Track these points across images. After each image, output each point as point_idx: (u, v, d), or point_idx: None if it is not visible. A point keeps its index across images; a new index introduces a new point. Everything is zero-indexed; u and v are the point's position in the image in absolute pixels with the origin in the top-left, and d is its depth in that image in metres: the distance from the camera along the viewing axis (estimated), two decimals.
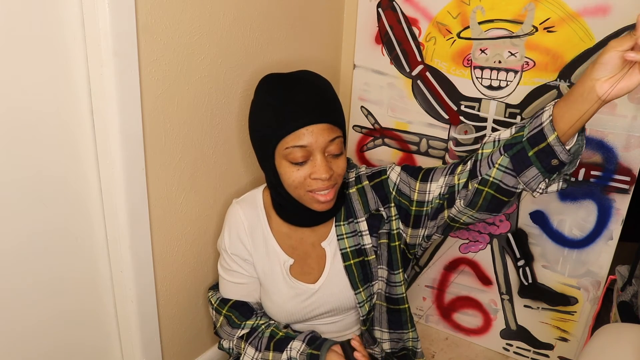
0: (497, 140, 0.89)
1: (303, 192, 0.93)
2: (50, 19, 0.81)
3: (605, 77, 0.75)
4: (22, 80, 0.80)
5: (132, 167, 0.93)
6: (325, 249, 1.04)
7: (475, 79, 1.26)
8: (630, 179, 1.14)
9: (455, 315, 1.49)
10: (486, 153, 0.89)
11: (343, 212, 1.03)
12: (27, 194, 0.85)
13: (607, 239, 1.20)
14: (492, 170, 0.87)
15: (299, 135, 0.88)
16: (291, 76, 0.95)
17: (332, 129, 0.90)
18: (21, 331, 0.92)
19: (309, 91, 0.91)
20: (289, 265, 1.03)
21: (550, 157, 0.80)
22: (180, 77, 0.98)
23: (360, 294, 1.02)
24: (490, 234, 1.36)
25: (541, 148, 0.81)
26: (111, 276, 1.03)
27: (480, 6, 1.20)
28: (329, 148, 0.91)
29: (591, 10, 1.09)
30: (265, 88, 0.95)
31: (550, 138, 0.79)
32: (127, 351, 1.09)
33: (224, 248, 1.05)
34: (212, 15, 1.01)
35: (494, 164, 0.86)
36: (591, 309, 1.27)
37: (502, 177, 0.86)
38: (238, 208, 1.05)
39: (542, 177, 0.84)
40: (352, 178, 1.05)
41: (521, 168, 0.84)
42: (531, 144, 0.82)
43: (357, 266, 1.02)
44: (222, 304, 1.05)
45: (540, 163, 0.82)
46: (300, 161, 0.89)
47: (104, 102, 0.87)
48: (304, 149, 0.88)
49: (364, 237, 1.02)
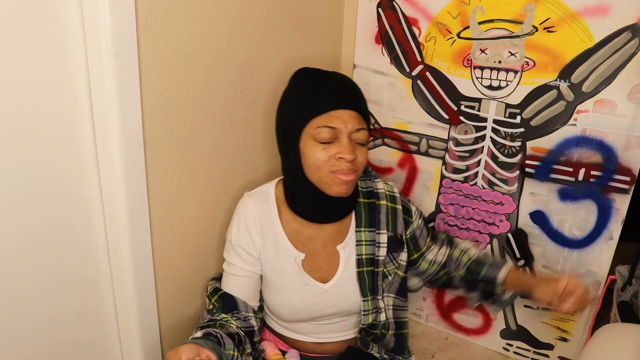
0: (463, 252, 1.16)
1: (325, 173, 0.95)
2: (50, 19, 0.81)
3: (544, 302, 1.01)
4: (22, 80, 0.80)
5: (132, 167, 0.93)
6: (340, 252, 1.05)
7: (475, 79, 1.26)
8: (630, 179, 1.14)
9: (455, 315, 1.49)
10: (455, 257, 1.16)
11: (365, 219, 1.06)
12: (27, 194, 0.86)
13: (607, 239, 1.20)
14: (452, 273, 1.15)
15: (330, 116, 0.94)
16: (326, 71, 1.03)
17: (360, 120, 0.97)
18: (21, 331, 0.92)
19: (342, 81, 1.00)
20: (301, 260, 1.03)
21: (491, 297, 1.11)
22: (180, 77, 0.98)
23: (368, 302, 1.04)
24: (490, 234, 1.36)
25: (487, 291, 1.11)
26: (111, 276, 1.03)
27: (480, 6, 1.20)
28: (355, 135, 0.96)
29: (591, 10, 1.09)
30: (300, 77, 1.02)
31: (496, 291, 1.10)
32: (127, 351, 1.09)
33: (229, 239, 1.05)
34: (212, 15, 1.01)
35: (454, 272, 1.15)
36: (591, 309, 1.27)
37: (454, 281, 1.16)
38: (250, 202, 1.05)
39: (479, 299, 1.14)
40: (382, 189, 1.11)
41: (469, 288, 1.15)
42: (482, 282, 1.11)
43: (369, 275, 1.05)
44: (214, 292, 1.06)
45: (482, 295, 1.13)
46: (327, 141, 0.94)
47: (104, 102, 0.87)
48: (333, 130, 0.94)
49: (380, 248, 1.06)
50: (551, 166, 1.22)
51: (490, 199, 1.33)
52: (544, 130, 1.21)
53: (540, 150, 1.23)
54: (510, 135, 1.25)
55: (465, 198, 1.37)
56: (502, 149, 1.27)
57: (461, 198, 1.37)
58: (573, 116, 1.17)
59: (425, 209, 1.44)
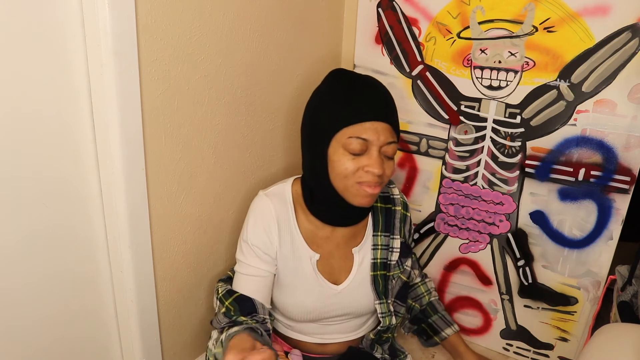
0: (427, 292, 1.28)
1: (351, 182, 0.94)
2: (50, 19, 0.81)
3: None
4: (22, 80, 0.80)
5: (132, 167, 0.93)
6: (355, 254, 1.06)
7: (475, 79, 1.26)
8: (630, 179, 1.14)
9: (455, 315, 1.49)
10: (419, 292, 1.28)
11: (382, 223, 1.08)
12: (27, 194, 0.86)
13: (607, 239, 1.20)
14: (411, 305, 1.27)
15: (363, 127, 0.92)
16: (359, 76, 1.00)
17: (392, 133, 0.95)
18: (21, 330, 0.92)
19: (379, 91, 0.97)
20: (316, 260, 1.03)
21: (425, 337, 1.27)
22: (180, 77, 0.98)
23: (384, 304, 1.06)
24: (490, 234, 1.36)
25: (427, 333, 1.26)
26: (111, 276, 1.03)
27: (480, 6, 1.20)
28: (385, 148, 0.94)
29: (591, 10, 1.09)
30: (337, 79, 0.99)
31: (433, 338, 1.25)
32: (127, 351, 1.09)
33: (245, 239, 1.03)
34: (212, 15, 1.01)
35: (411, 302, 1.27)
36: (591, 309, 1.27)
37: (411, 311, 1.28)
38: (269, 201, 1.03)
39: (413, 331, 1.29)
40: (397, 195, 1.13)
41: (413, 321, 1.28)
42: (427, 326, 1.25)
43: (382, 278, 1.07)
44: (228, 295, 1.01)
45: (419, 331, 1.28)
46: (357, 152, 0.93)
47: (104, 102, 0.87)
48: (364, 142, 0.92)
49: (393, 253, 1.08)
50: (551, 166, 1.22)
51: (490, 199, 1.33)
52: (544, 130, 1.21)
53: (540, 150, 1.23)
54: (510, 135, 1.25)
55: (465, 198, 1.37)
56: (502, 149, 1.27)
57: (461, 198, 1.37)
58: (573, 116, 1.17)
59: (425, 209, 1.44)
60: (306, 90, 0.94)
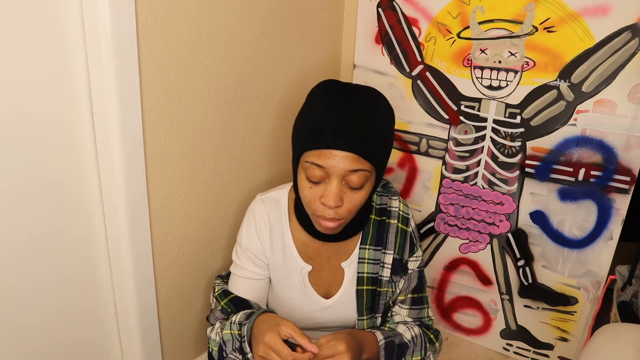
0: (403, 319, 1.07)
1: (310, 212, 0.90)
2: (50, 19, 0.81)
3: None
4: (22, 80, 0.80)
5: (132, 167, 0.93)
6: (345, 269, 1.01)
7: (475, 79, 1.26)
8: (630, 179, 1.14)
9: (455, 315, 1.49)
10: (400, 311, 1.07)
11: (372, 236, 1.00)
12: (27, 194, 0.86)
13: (607, 239, 1.20)
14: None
15: (321, 154, 0.83)
16: (347, 91, 0.89)
17: (359, 161, 0.84)
18: (22, 331, 0.92)
19: (351, 116, 0.84)
20: (307, 272, 1.01)
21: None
22: (180, 77, 0.98)
23: (363, 321, 1.01)
24: (490, 234, 1.36)
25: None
26: (111, 276, 1.03)
27: (480, 6, 1.20)
28: (348, 177, 0.84)
29: (591, 10, 1.09)
30: (316, 93, 0.91)
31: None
32: (127, 351, 1.09)
33: (239, 242, 1.02)
34: (212, 15, 1.01)
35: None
36: (591, 309, 1.27)
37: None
38: (263, 207, 1.01)
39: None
40: (396, 208, 1.02)
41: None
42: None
43: (369, 293, 1.00)
44: (224, 295, 1.01)
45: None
46: (315, 180, 0.86)
47: (104, 102, 0.87)
48: (322, 169, 0.84)
49: (384, 269, 1.00)
50: (551, 166, 1.22)
51: (490, 199, 1.33)
52: (544, 130, 1.21)
53: (540, 150, 1.23)
54: (510, 135, 1.25)
55: (465, 198, 1.37)
56: (502, 149, 1.27)
57: (461, 198, 1.37)
58: (573, 116, 1.17)
59: (425, 209, 1.44)
60: (306, 90, 0.94)
